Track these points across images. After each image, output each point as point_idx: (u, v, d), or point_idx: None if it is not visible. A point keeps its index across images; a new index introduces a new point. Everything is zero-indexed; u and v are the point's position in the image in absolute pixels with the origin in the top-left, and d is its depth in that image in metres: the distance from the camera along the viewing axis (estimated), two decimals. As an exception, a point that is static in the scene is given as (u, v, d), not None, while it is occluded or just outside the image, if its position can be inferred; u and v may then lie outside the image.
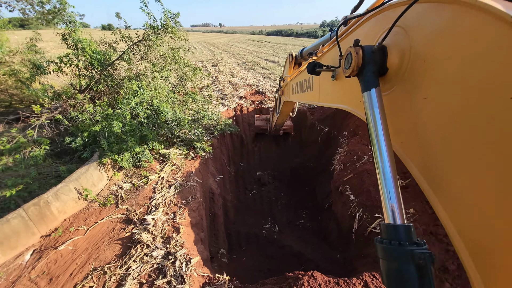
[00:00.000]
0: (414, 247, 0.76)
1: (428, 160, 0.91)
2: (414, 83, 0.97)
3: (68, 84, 5.73)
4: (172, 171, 5.16)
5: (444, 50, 0.83)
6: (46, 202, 3.45)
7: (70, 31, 4.99)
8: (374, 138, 1.00)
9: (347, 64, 1.17)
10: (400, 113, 1.06)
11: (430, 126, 0.90)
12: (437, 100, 0.86)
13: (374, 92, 1.05)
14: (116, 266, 3.10)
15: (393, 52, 1.08)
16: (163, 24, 5.39)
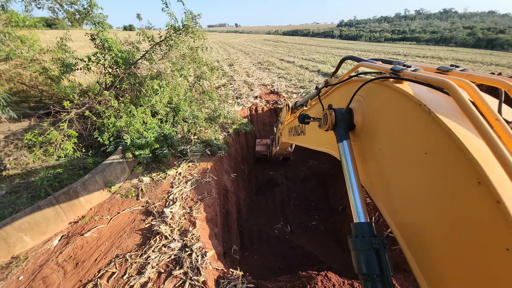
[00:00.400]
0: (373, 238, 1.00)
1: (388, 196, 1.13)
2: (372, 137, 1.26)
3: (95, 82, 6.05)
4: (189, 167, 5.32)
5: (385, 116, 1.17)
6: (75, 191, 3.69)
7: (98, 32, 5.28)
8: (347, 176, 1.27)
9: (325, 121, 1.51)
10: (366, 159, 1.33)
11: (386, 170, 1.15)
12: (386, 151, 1.15)
13: (346, 143, 1.35)
14: (137, 255, 3.26)
15: (357, 113, 1.41)
16: (184, 24, 5.56)
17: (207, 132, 6.55)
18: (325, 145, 2.00)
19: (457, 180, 0.77)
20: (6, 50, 6.21)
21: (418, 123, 0.95)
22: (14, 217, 3.29)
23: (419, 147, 0.93)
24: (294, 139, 3.47)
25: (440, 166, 0.84)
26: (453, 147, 0.79)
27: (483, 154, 0.72)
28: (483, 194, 0.69)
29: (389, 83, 1.15)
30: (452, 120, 0.85)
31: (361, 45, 44.21)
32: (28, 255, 3.36)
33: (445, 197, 0.81)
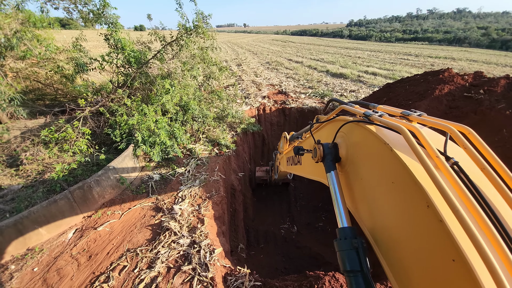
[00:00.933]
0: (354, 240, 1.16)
1: (373, 224, 1.26)
2: (354, 168, 1.45)
3: (108, 81, 6.21)
4: (197, 165, 5.39)
5: (362, 151, 1.37)
6: (89, 186, 3.81)
7: (112, 32, 5.42)
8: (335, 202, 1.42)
9: (314, 154, 1.72)
10: (352, 186, 1.48)
11: (367, 195, 1.31)
12: (366, 180, 1.33)
13: (333, 173, 1.52)
14: (147, 249, 3.34)
15: (341, 147, 1.61)
16: (195, 25, 5.64)
17: (215, 131, 6.62)
18: (318, 174, 2.21)
19: (414, 203, 0.97)
20: (23, 49, 6.45)
21: (385, 157, 1.15)
22: (30, 210, 3.42)
23: (388, 177, 1.13)
24: (291, 168, 3.75)
25: (403, 192, 1.04)
26: (409, 178, 0.99)
27: (430, 183, 0.89)
28: (431, 215, 0.88)
29: (363, 124, 1.38)
30: (408, 155, 1.06)
31: (371, 45, 43.48)
32: (43, 247, 3.49)
33: (408, 216, 1.01)
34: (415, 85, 7.27)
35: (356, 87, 12.93)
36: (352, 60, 23.20)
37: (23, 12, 6.18)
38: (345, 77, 15.40)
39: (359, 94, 11.55)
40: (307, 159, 2.62)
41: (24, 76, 7.60)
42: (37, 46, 6.65)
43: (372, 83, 13.83)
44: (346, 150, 1.56)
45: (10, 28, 5.63)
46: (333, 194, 1.47)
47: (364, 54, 29.06)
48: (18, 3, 5.85)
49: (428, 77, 7.34)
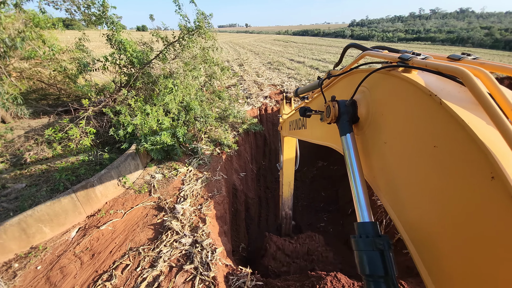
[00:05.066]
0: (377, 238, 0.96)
1: (392, 192, 1.09)
2: (376, 130, 1.21)
3: (110, 81, 6.25)
4: (199, 165, 5.41)
5: (391, 108, 1.12)
6: (92, 185, 3.84)
7: (113, 32, 5.46)
8: (350, 171, 1.23)
9: (327, 114, 1.46)
10: (370, 152, 1.28)
11: (391, 164, 1.10)
12: (392, 144, 1.10)
13: (349, 136, 1.30)
14: (149, 249, 3.36)
15: (361, 105, 1.36)
16: (196, 25, 5.66)
17: (217, 131, 6.63)
18: (328, 138, 1.95)
19: (469, 174, 0.74)
20: (27, 49, 6.50)
21: (428, 114, 0.90)
22: (34, 209, 3.46)
23: (428, 140, 0.89)
24: (295, 133, 3.35)
25: (451, 159, 0.80)
26: (466, 139, 0.75)
27: (499, 148, 0.69)
28: (497, 189, 0.66)
29: (396, 73, 1.08)
30: (465, 111, 0.81)
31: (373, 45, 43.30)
32: (46, 246, 3.52)
33: (455, 192, 0.78)
34: (417, 85, 7.24)
35: (358, 87, 12.88)
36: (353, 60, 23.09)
37: (26, 13, 6.24)
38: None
39: (361, 94, 11.52)
40: (315, 121, 2.31)
41: (28, 76, 7.67)
42: (41, 46, 6.70)
43: (374, 83, 13.77)
44: (367, 108, 1.29)
45: (14, 28, 5.68)
46: (348, 161, 1.26)
47: (366, 54, 28.91)
48: (17, 2, 5.90)
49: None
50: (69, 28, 12.30)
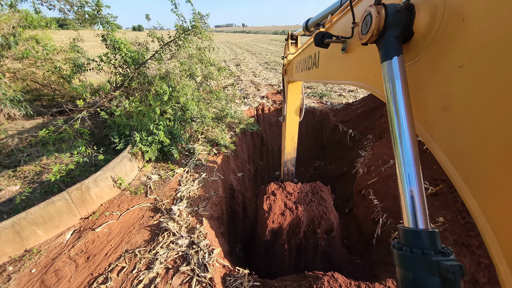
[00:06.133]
0: (440, 256, 0.66)
1: (457, 142, 0.76)
2: (446, 49, 0.81)
3: (105, 81, 6.19)
4: (196, 165, 5.38)
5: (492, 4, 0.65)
6: (87, 187, 3.79)
7: (108, 32, 5.41)
8: (394, 115, 0.85)
9: (365, 28, 0.98)
10: (424, 86, 0.88)
11: (463, 100, 0.75)
12: (477, 68, 0.70)
13: (397, 61, 0.88)
14: (146, 250, 3.33)
15: (422, 11, 0.88)
16: (192, 25, 5.64)
17: (214, 131, 6.61)
18: (351, 75, 1.48)
19: None
20: (21, 49, 6.42)
21: None
22: (28, 211, 3.40)
23: None
24: (304, 75, 2.78)
25: None
26: None
27: None
28: None
29: None
30: None
31: (369, 45, 43.54)
32: (41, 249, 3.47)
33: None
34: (413, 85, 7.28)
35: (354, 87, 12.95)
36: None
37: (20, 12, 6.16)
38: None
39: (357, 94, 11.58)
40: (332, 55, 1.81)
41: (22, 77, 7.56)
42: (35, 46, 6.62)
43: (370, 83, 13.84)
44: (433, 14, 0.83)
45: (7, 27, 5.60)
46: (391, 102, 0.87)
47: (362, 54, 29.08)
48: (12, 2, 5.83)
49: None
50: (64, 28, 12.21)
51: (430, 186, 4.10)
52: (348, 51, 1.34)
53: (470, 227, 3.30)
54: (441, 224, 3.48)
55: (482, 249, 2.99)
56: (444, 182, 4.09)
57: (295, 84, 4.07)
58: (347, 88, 12.64)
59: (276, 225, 4.06)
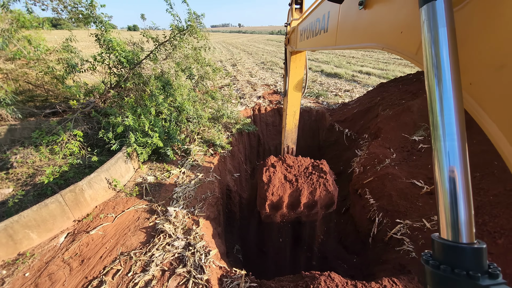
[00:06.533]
0: (487, 280, 0.55)
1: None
2: None
3: (100, 82, 6.12)
4: (192, 166, 5.35)
5: None
6: (81, 189, 3.74)
7: (102, 32, 5.34)
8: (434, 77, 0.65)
9: None
10: (473, 39, 0.70)
11: None
12: None
13: (442, 3, 0.65)
14: (141, 253, 3.29)
15: None
16: (188, 25, 5.60)
17: (210, 131, 6.58)
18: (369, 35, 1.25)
19: None
20: (13, 50, 6.30)
21: None
22: (21, 215, 3.34)
23: None
24: (310, 42, 2.52)
25: None
26: None
27: None
28: None
29: None
30: None
31: (365, 45, 43.88)
32: (34, 252, 3.41)
33: None
34: (408, 84, 7.37)
35: (350, 87, 13.02)
36: (346, 60, 23.38)
37: (13, 13, 6.05)
38: (340, 76, 15.50)
39: (353, 94, 11.64)
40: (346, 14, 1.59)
41: (14, 78, 7.43)
42: (27, 47, 6.51)
43: (366, 82, 13.95)
44: None
45: (0, 28, 5.50)
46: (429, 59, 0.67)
47: (358, 54, 29.30)
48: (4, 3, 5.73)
49: (421, 76, 7.43)
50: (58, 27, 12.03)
51: (425, 185, 4.14)
52: (368, 5, 1.14)
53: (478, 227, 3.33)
54: (436, 222, 3.51)
55: (476, 247, 3.03)
56: (438, 181, 4.13)
57: (298, 55, 3.75)
58: (343, 88, 12.70)
59: (275, 198, 3.89)
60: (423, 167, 4.71)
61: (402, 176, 4.51)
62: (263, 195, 3.93)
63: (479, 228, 3.22)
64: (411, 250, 3.39)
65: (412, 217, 3.74)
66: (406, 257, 3.39)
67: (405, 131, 5.72)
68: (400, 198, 4.12)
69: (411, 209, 3.88)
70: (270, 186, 3.92)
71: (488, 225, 3.21)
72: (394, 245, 3.66)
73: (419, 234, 3.49)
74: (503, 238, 2.97)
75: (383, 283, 2.85)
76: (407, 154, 5.19)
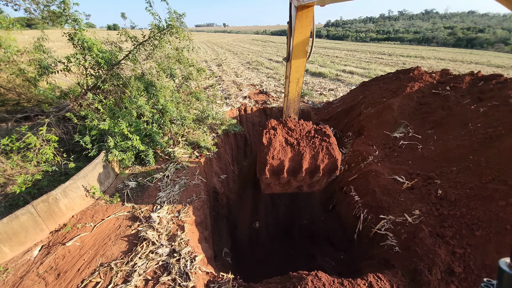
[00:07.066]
0: None
1: None
2: None
3: (76, 84, 5.81)
4: (177, 169, 5.21)
5: None
6: (54, 199, 3.52)
7: (76, 31, 5.06)
8: None
9: None
10: None
11: None
12: None
13: None
14: (123, 263, 3.14)
15: None
16: (168, 24, 5.44)
17: (195, 133, 6.45)
18: None
19: None
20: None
21: None
22: (-12, 228, 3.09)
23: None
24: None
25: None
26: None
27: None
28: None
29: None
30: None
31: (348, 45, 45.05)
32: (8, 267, 3.19)
33: None
34: (388, 83, 7.58)
35: (334, 86, 13.27)
36: (330, 59, 23.83)
37: None
38: (324, 76, 15.76)
39: (337, 93, 11.86)
40: None
41: (-18, 82, 6.91)
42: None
43: (349, 81, 14.27)
44: None
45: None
46: None
47: (341, 53, 29.98)
48: None
49: (400, 75, 7.68)
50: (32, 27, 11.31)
51: (406, 180, 4.26)
52: None
53: (444, 218, 3.46)
54: (417, 216, 3.62)
55: (456, 240, 3.14)
56: (418, 176, 4.27)
57: (305, 12, 3.38)
58: (327, 87, 12.91)
59: (276, 162, 3.62)
60: (404, 163, 4.85)
61: (384, 172, 4.63)
62: (263, 159, 3.63)
63: (457, 220, 3.35)
64: (394, 245, 3.47)
65: (395, 213, 3.83)
66: (390, 251, 3.47)
67: (386, 129, 5.88)
68: (383, 194, 4.21)
69: (393, 204, 3.98)
70: (270, 149, 3.60)
71: (466, 218, 3.34)
72: (379, 241, 3.74)
73: (401, 228, 3.58)
74: (480, 230, 3.10)
75: (369, 279, 2.89)
76: (389, 151, 5.33)
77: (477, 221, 3.21)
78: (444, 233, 3.26)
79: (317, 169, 3.73)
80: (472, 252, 2.98)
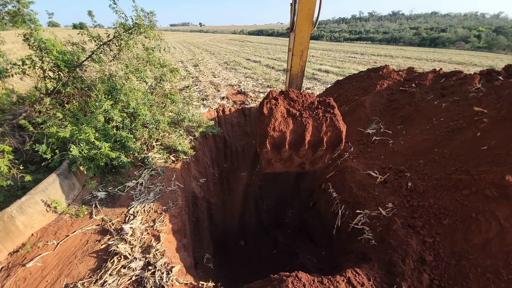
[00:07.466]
0: None
1: None
2: None
3: (33, 88, 5.30)
4: (151, 176, 4.96)
5: None
6: (10, 216, 3.15)
7: (32, 31, 4.61)
8: None
9: None
10: None
11: None
12: None
13: None
14: (91, 282, 2.90)
15: None
16: (135, 23, 5.14)
17: (171, 137, 6.19)
18: None
19: None
20: None
21: None
22: None
23: None
24: None
25: None
26: None
27: None
28: None
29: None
30: None
31: (323, 45, 46.40)
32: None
33: None
34: (360, 81, 7.87)
35: (311, 85, 13.55)
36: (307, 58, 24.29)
37: None
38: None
39: (314, 91, 12.11)
40: None
41: None
42: None
43: (325, 80, 14.66)
44: None
45: None
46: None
47: (317, 53, 30.79)
48: None
49: (371, 73, 8.01)
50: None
51: (379, 175, 4.42)
52: None
53: (414, 209, 3.63)
54: (390, 209, 3.76)
55: (426, 229, 3.31)
56: (390, 170, 4.45)
57: None
58: (304, 86, 13.14)
59: (277, 134, 3.41)
60: (377, 158, 5.04)
61: (359, 168, 4.77)
62: (264, 131, 3.42)
63: (426, 211, 3.53)
64: (370, 238, 3.58)
65: (370, 207, 3.96)
66: (367, 245, 3.57)
67: (360, 125, 6.08)
68: (359, 189, 4.33)
69: (369, 199, 4.10)
70: (271, 120, 3.37)
71: (433, 207, 3.53)
72: (356, 235, 3.84)
73: (376, 222, 3.70)
74: (448, 219, 3.28)
75: (347, 275, 2.93)
76: (363, 147, 5.52)
77: (444, 211, 3.40)
78: (415, 224, 3.42)
79: (321, 142, 3.52)
80: (441, 241, 3.14)
